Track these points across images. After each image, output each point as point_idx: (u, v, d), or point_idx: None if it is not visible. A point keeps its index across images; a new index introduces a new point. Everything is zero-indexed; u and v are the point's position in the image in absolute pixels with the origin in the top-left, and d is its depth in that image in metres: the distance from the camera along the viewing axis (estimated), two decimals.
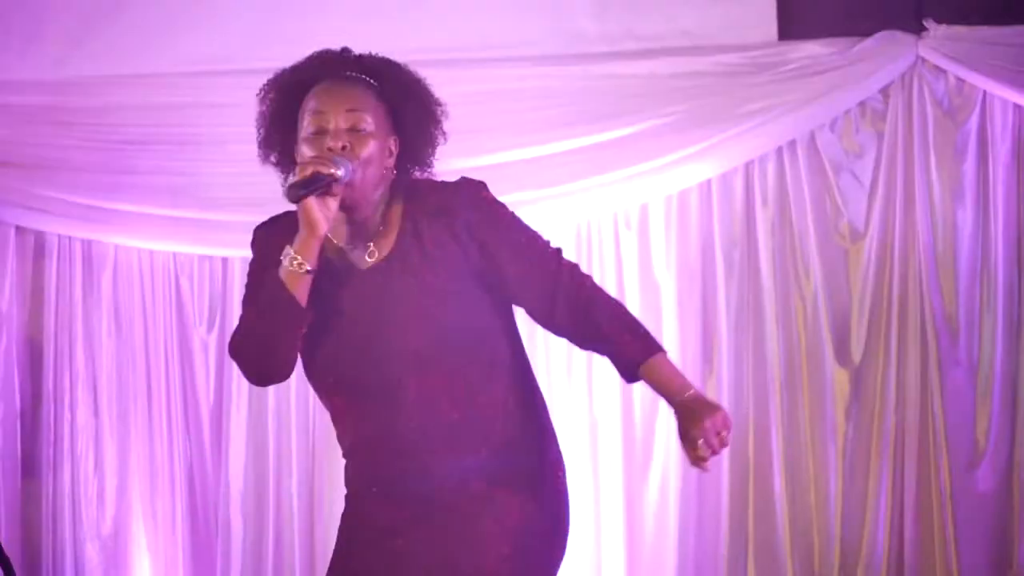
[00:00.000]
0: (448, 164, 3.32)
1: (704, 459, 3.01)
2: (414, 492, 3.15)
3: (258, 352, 3.15)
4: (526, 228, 3.23)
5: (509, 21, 5.28)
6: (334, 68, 3.23)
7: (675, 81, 5.24)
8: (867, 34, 5.22)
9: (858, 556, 5.24)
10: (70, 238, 5.32)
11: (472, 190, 3.23)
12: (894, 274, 5.23)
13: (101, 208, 5.27)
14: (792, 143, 5.26)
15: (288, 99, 3.23)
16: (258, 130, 3.27)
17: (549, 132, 5.22)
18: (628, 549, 5.28)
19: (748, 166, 5.28)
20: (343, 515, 3.30)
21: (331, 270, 3.18)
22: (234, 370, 5.28)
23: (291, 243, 3.11)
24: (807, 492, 5.25)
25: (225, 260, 5.34)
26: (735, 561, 5.25)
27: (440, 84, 5.40)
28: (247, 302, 3.20)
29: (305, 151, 3.15)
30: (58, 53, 5.30)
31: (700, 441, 3.00)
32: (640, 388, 5.19)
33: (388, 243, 3.20)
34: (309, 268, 3.08)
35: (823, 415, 5.25)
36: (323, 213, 3.06)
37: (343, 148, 3.13)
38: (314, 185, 3.05)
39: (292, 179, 3.07)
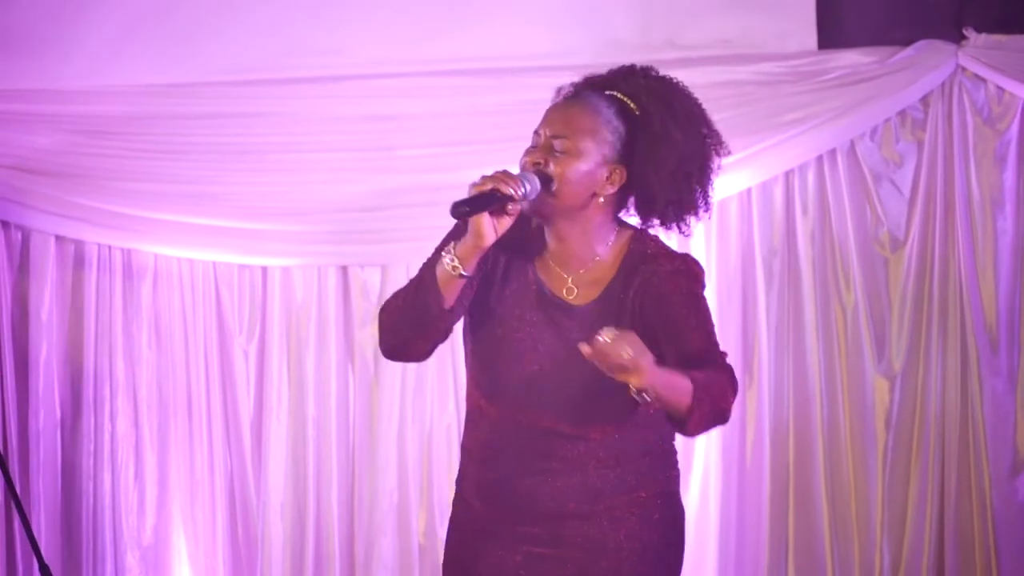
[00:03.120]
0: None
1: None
2: (543, 509, 3.22)
3: (394, 329, 3.21)
4: (711, 329, 3.20)
5: (548, 30, 5.28)
6: (590, 86, 3.27)
7: (715, 90, 5.18)
8: (907, 43, 5.22)
9: (899, 565, 5.24)
10: (110, 247, 5.29)
11: (692, 270, 3.22)
12: (934, 283, 5.23)
13: (140, 217, 5.24)
14: (832, 152, 5.25)
15: None
16: None
17: None
18: None
19: (788, 175, 5.27)
20: (453, 519, 3.36)
21: (537, 288, 3.22)
22: (274, 380, 5.29)
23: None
24: (848, 500, 5.25)
25: (265, 270, 5.32)
26: (775, 569, 5.25)
27: (477, 93, 5.42)
28: (424, 266, 3.23)
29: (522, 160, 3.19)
30: (96, 63, 5.29)
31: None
32: None
33: (596, 284, 3.21)
34: (464, 273, 3.12)
35: (864, 424, 5.25)
36: (491, 226, 3.09)
37: (535, 164, 3.15)
38: (483, 203, 3.07)
39: (469, 192, 3.08)
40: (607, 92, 3.24)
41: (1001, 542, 5.18)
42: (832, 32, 5.27)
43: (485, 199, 3.06)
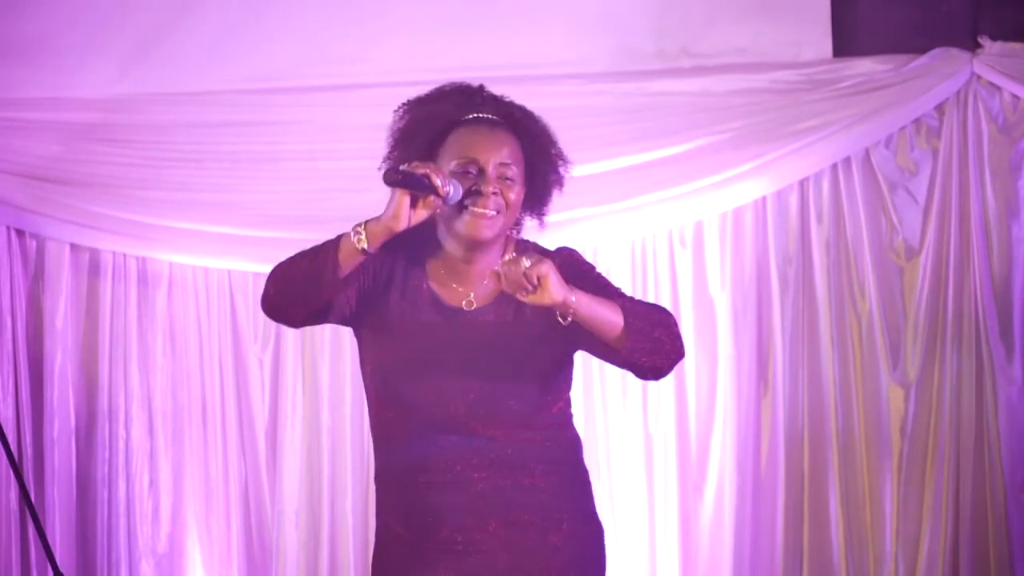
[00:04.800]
0: None
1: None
2: (457, 523, 3.27)
3: (282, 288, 3.28)
4: (612, 285, 3.32)
5: (564, 38, 5.28)
6: (475, 107, 3.35)
7: (730, 98, 5.24)
8: (922, 51, 5.22)
9: (914, 574, 5.22)
10: (125, 255, 5.31)
11: (570, 255, 3.35)
12: (949, 291, 5.22)
13: (155, 225, 5.25)
14: (847, 160, 5.25)
15: (423, 127, 3.35)
16: (388, 146, 3.41)
17: (604, 149, 5.20)
18: (683, 566, 5.27)
19: (803, 183, 5.27)
20: (377, 548, 3.39)
21: (438, 302, 3.30)
22: (289, 388, 5.29)
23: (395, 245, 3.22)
24: (862, 510, 5.24)
25: None
26: None
27: None
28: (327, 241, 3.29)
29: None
30: (112, 71, 5.30)
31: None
32: (696, 405, 5.25)
33: (492, 292, 3.29)
34: (366, 248, 3.18)
35: (879, 432, 5.24)
36: (407, 213, 3.15)
37: (493, 193, 3.25)
38: (414, 182, 3.14)
39: (403, 166, 3.15)
40: (492, 117, 3.34)
41: (1016, 552, 5.17)
42: (847, 40, 5.28)
43: (417, 179, 3.14)
